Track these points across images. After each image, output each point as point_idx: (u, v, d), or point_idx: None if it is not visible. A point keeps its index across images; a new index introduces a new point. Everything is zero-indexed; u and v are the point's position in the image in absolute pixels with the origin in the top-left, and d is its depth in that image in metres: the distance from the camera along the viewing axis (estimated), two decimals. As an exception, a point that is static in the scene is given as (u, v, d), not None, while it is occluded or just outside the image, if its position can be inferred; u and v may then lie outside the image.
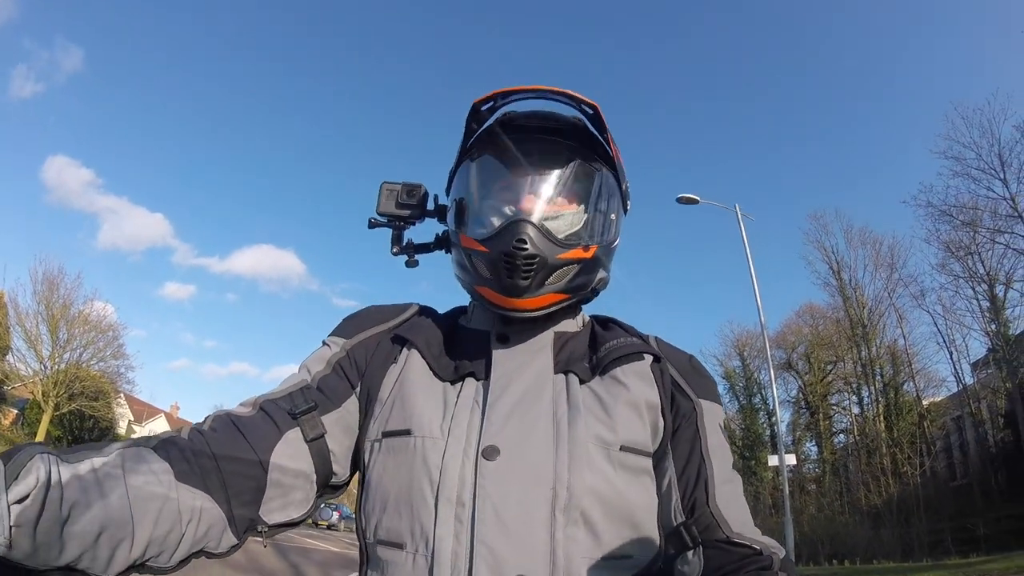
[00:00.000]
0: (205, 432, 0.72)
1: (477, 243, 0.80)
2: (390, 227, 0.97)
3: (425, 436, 0.74)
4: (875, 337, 22.29)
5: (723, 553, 0.72)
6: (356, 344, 0.86)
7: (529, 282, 0.77)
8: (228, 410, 0.78)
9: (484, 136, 0.87)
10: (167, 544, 0.64)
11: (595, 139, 0.86)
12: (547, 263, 0.77)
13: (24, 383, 26.36)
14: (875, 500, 19.27)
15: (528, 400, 0.76)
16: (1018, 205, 16.07)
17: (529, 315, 0.81)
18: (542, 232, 0.77)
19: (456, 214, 0.87)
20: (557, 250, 0.78)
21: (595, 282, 0.86)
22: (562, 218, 0.82)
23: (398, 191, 0.95)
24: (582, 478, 0.70)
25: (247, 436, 0.73)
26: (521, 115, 0.86)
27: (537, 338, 0.84)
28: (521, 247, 0.75)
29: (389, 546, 0.72)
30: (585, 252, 0.81)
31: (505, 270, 0.77)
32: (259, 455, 0.72)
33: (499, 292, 0.79)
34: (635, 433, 0.76)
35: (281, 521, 0.75)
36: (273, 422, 0.75)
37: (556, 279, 0.79)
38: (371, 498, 0.76)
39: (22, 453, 0.56)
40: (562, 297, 0.81)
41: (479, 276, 0.81)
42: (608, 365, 0.81)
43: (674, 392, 0.82)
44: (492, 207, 0.83)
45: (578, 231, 0.83)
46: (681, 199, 15.09)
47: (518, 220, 0.77)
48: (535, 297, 0.79)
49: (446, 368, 0.82)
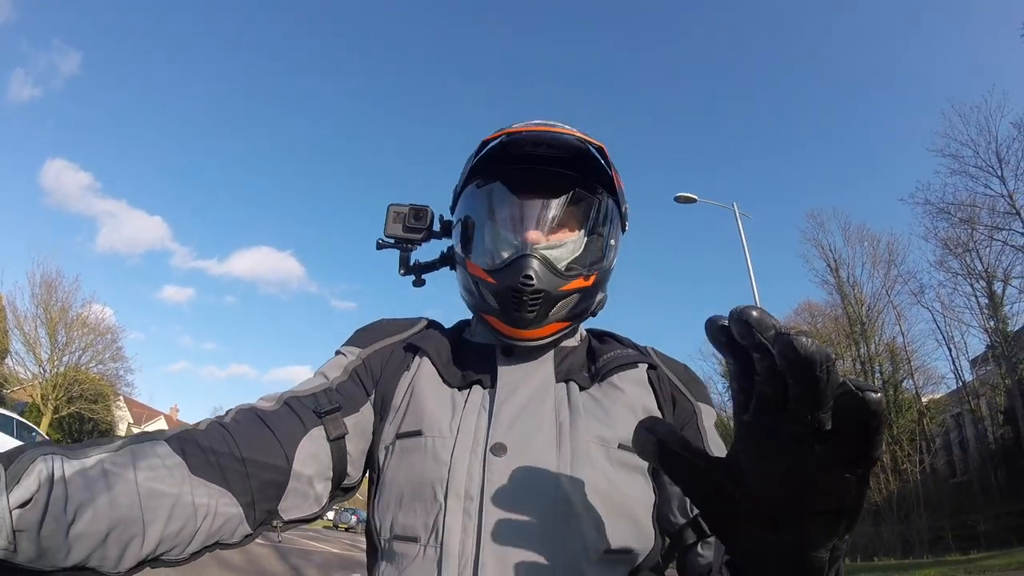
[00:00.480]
0: (227, 424, 0.73)
1: (484, 272, 0.84)
2: (397, 248, 1.00)
3: (435, 436, 0.77)
4: (874, 334, 22.30)
5: None
6: (371, 353, 0.89)
7: (535, 315, 0.81)
8: (252, 404, 0.78)
9: (490, 162, 0.88)
10: (180, 539, 0.64)
11: (598, 164, 0.87)
12: (551, 296, 0.81)
13: (23, 386, 26.37)
14: (875, 497, 19.26)
15: (533, 404, 0.80)
16: (1016, 202, 16.13)
17: (534, 344, 0.85)
18: (546, 266, 0.81)
19: (462, 236, 0.90)
20: (559, 282, 0.81)
21: (594, 305, 0.90)
22: (564, 246, 0.85)
23: (405, 214, 0.97)
24: (584, 475, 0.73)
25: (273, 430, 0.74)
26: (526, 141, 0.87)
27: (538, 351, 0.87)
28: (528, 283, 0.79)
29: (404, 540, 0.74)
30: (586, 281, 0.85)
31: (513, 304, 0.81)
32: (284, 450, 0.73)
33: (506, 323, 0.83)
34: (631, 432, 0.78)
35: (296, 517, 0.76)
36: (299, 418, 0.77)
37: (559, 309, 0.83)
38: (385, 497, 0.78)
39: (24, 455, 0.55)
40: (565, 325, 0.86)
41: (486, 304, 0.85)
42: (606, 374, 0.85)
43: (674, 395, 0.87)
44: (499, 236, 0.86)
45: (579, 258, 0.86)
46: (679, 198, 15.10)
47: (524, 256, 0.80)
48: (540, 328, 0.83)
49: (454, 376, 0.85)
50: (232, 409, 0.77)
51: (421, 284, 1.01)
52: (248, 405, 0.78)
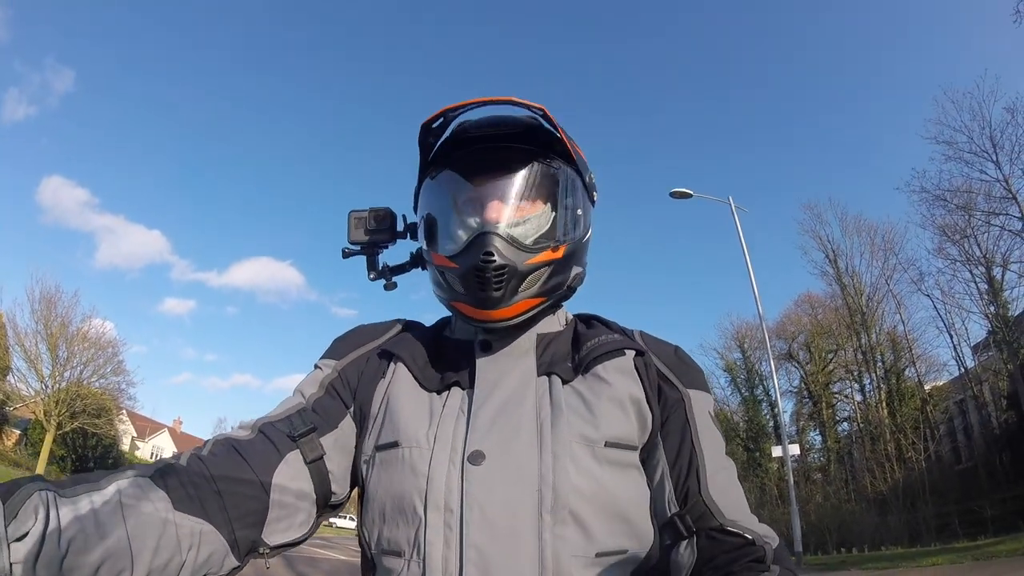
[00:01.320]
0: (205, 457, 0.73)
1: (447, 260, 0.82)
2: (364, 255, 1.00)
3: (412, 446, 0.76)
4: (874, 324, 22.30)
5: (716, 542, 0.73)
6: (347, 364, 0.88)
7: (502, 292, 0.79)
8: (227, 434, 0.78)
9: (440, 151, 0.88)
10: (168, 572, 0.64)
11: (551, 136, 0.85)
12: (517, 271, 0.79)
13: (26, 403, 26.33)
14: (881, 486, 19.27)
15: (512, 405, 0.78)
16: (1012, 186, 16.12)
17: (507, 324, 0.82)
18: (508, 241, 0.79)
19: (426, 232, 0.89)
20: (525, 256, 0.79)
21: (570, 279, 0.87)
22: (528, 222, 0.83)
23: (365, 218, 0.97)
24: (567, 477, 0.71)
25: (248, 459, 0.74)
26: (473, 124, 0.86)
27: (519, 342, 0.86)
28: (489, 259, 0.77)
29: (390, 555, 0.74)
30: (554, 253, 0.82)
31: (477, 284, 0.79)
32: (260, 478, 0.73)
33: (474, 305, 0.81)
34: (620, 428, 0.77)
35: (282, 542, 0.76)
36: (273, 445, 0.77)
37: (529, 284, 0.81)
38: (370, 511, 0.77)
39: (21, 490, 0.57)
40: (538, 301, 0.84)
41: (454, 291, 0.83)
42: (590, 363, 0.82)
43: (660, 383, 0.83)
44: (457, 222, 0.85)
45: (546, 232, 0.84)
46: (674, 193, 15.12)
47: (482, 233, 0.79)
48: (510, 306, 0.80)
49: (432, 379, 0.83)
50: (209, 441, 0.77)
51: (393, 287, 0.99)
52: (224, 436, 0.78)
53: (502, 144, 0.85)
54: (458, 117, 0.85)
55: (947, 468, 19.52)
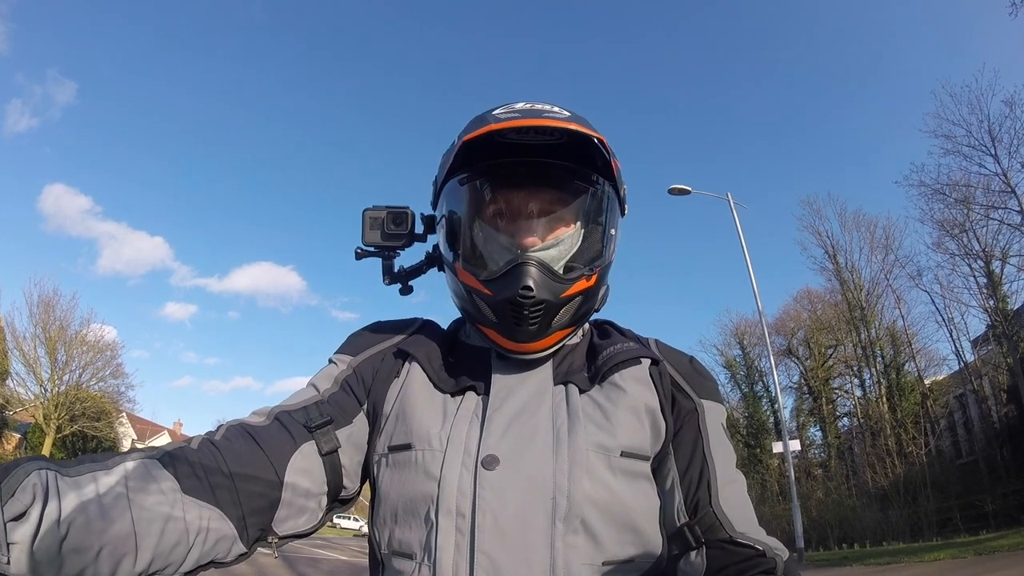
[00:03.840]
0: (218, 443, 0.71)
1: (478, 282, 0.79)
2: (379, 256, 0.94)
3: (425, 448, 0.74)
4: (874, 319, 22.30)
5: (726, 554, 0.72)
6: (362, 361, 0.86)
7: (537, 327, 0.77)
8: (241, 420, 0.76)
9: (474, 154, 0.79)
10: (174, 557, 0.63)
11: (590, 145, 0.78)
12: (552, 304, 0.76)
13: (25, 407, 26.29)
14: (882, 482, 19.26)
15: (528, 412, 0.76)
16: (1010, 180, 16.10)
17: (538, 356, 0.81)
18: (545, 272, 0.75)
19: (448, 237, 0.84)
20: (560, 288, 0.77)
21: (598, 302, 0.86)
22: (562, 243, 0.80)
23: (383, 219, 0.91)
24: (582, 486, 0.70)
25: (263, 446, 0.72)
26: (512, 130, 0.76)
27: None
28: (527, 295, 0.74)
29: (400, 556, 0.73)
30: (588, 282, 0.80)
31: (512, 318, 0.76)
32: (275, 466, 0.72)
33: (507, 337, 0.79)
34: (635, 438, 0.76)
35: (291, 532, 0.75)
36: (289, 433, 0.75)
37: (563, 316, 0.79)
38: (381, 511, 0.77)
39: (19, 469, 0.55)
40: (569, 331, 0.83)
41: (483, 316, 0.80)
42: (607, 372, 0.80)
43: (674, 393, 0.82)
44: (488, 240, 0.81)
45: (577, 253, 0.81)
46: (673, 190, 15.10)
47: (521, 264, 0.75)
48: (544, 339, 0.79)
49: (447, 381, 0.81)
50: (223, 425, 0.75)
51: (409, 292, 0.95)
52: (238, 421, 0.76)
53: (540, 158, 0.79)
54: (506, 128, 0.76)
55: (948, 463, 19.52)
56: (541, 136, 0.76)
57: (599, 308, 0.87)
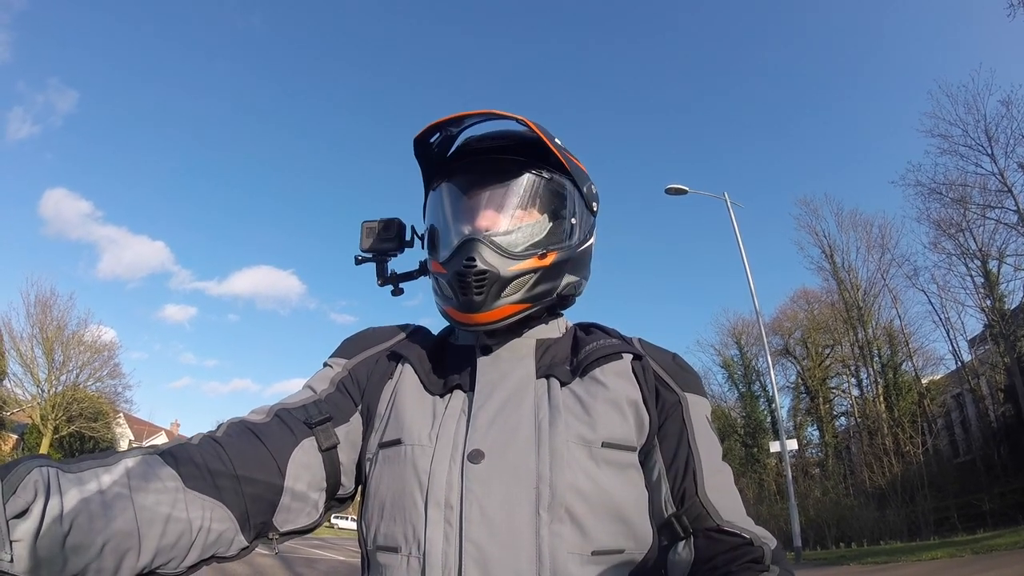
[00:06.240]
0: (219, 439, 0.73)
1: (440, 266, 0.86)
2: (374, 261, 1.04)
3: (414, 444, 0.77)
4: (871, 318, 22.34)
5: (713, 542, 0.74)
6: (357, 364, 0.90)
7: (483, 297, 0.80)
8: (242, 418, 0.78)
9: (442, 165, 0.92)
10: (176, 552, 0.64)
11: (541, 145, 0.85)
12: (499, 277, 0.80)
13: (22, 407, 26.22)
14: (879, 481, 19.30)
15: (511, 406, 0.79)
16: (1007, 179, 16.15)
17: (488, 328, 0.84)
18: (492, 247, 0.81)
19: (429, 242, 0.94)
20: (510, 262, 0.81)
21: (560, 287, 0.87)
22: (521, 231, 0.85)
23: (376, 228, 1.03)
24: (563, 476, 0.72)
25: (264, 442, 0.74)
26: (475, 139, 0.90)
27: (519, 347, 0.87)
28: (470, 264, 0.79)
29: (386, 551, 0.74)
30: (541, 260, 0.83)
31: (460, 288, 0.81)
32: (276, 462, 0.74)
33: (458, 309, 0.83)
34: (617, 429, 0.78)
35: (292, 528, 0.77)
36: (289, 429, 0.77)
37: (512, 290, 0.82)
38: (370, 507, 0.78)
39: (20, 466, 0.55)
40: (522, 307, 0.84)
41: (444, 297, 0.86)
42: (588, 366, 0.84)
43: (658, 387, 0.85)
44: (452, 231, 0.88)
45: (537, 241, 0.85)
46: (669, 190, 15.12)
47: (467, 240, 0.81)
48: (492, 310, 0.82)
49: (435, 383, 0.85)
50: (224, 423, 0.77)
51: (399, 293, 1.04)
52: (239, 419, 0.78)
53: (498, 156, 0.88)
54: (450, 129, 0.88)
55: (945, 462, 19.58)
56: (498, 140, 0.89)
57: (566, 295, 0.89)
